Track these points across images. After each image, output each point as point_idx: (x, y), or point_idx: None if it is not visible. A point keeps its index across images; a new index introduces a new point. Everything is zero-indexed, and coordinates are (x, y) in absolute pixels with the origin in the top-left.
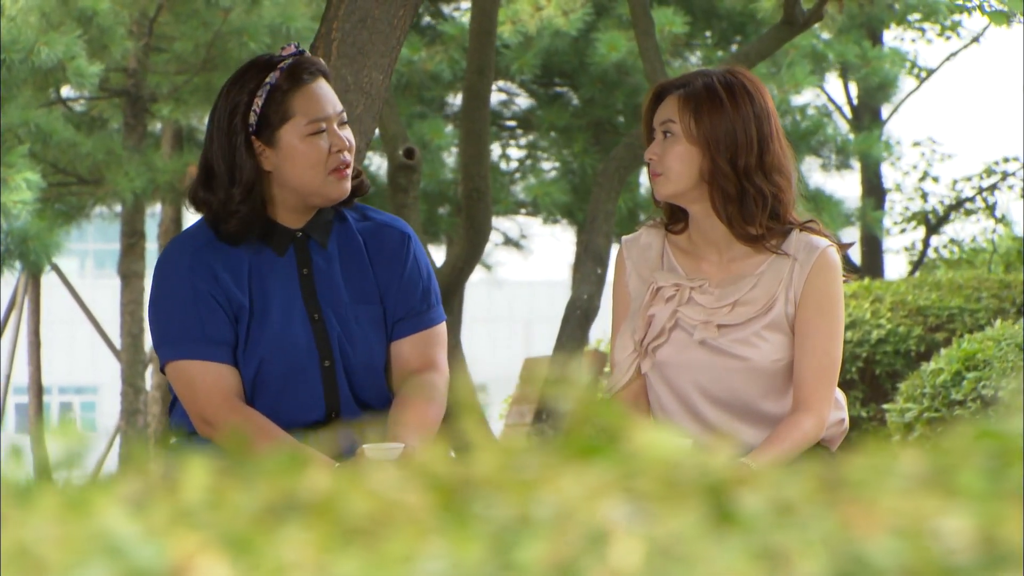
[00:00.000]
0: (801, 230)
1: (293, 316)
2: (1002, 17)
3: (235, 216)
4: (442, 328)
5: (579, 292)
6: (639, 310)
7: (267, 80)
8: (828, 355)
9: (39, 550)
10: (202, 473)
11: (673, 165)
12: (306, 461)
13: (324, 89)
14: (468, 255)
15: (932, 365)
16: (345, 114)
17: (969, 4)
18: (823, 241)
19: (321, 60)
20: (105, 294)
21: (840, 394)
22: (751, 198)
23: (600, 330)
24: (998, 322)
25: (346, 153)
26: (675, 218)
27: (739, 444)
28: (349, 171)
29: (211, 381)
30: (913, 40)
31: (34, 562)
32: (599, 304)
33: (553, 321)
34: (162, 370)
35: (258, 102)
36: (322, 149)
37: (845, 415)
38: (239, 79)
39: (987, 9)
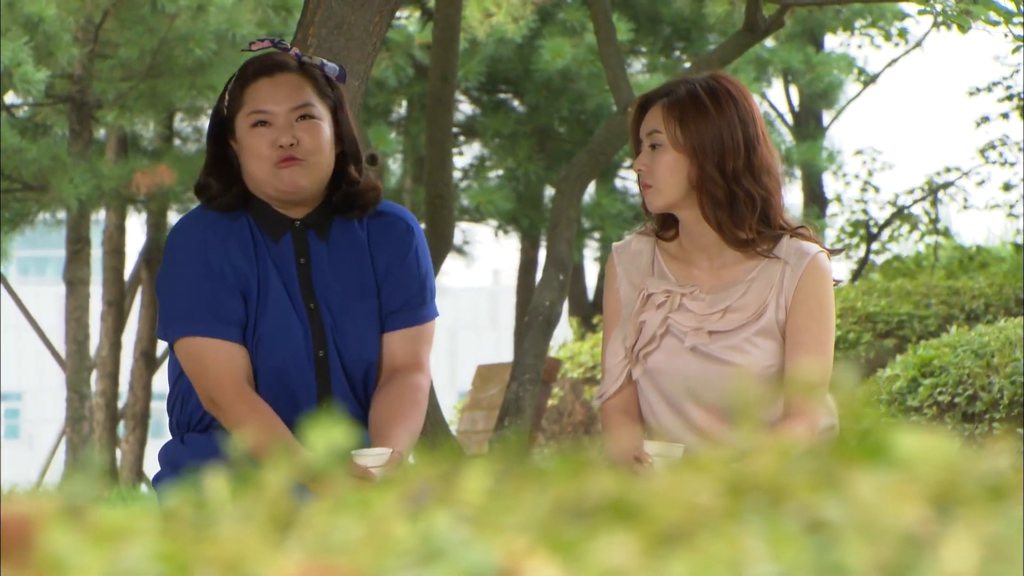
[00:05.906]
0: (792, 236)
1: (289, 305)
2: (963, 23)
3: (215, 191)
4: (432, 326)
5: (541, 298)
6: (630, 317)
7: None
8: (819, 361)
9: (352, 552)
10: (483, 475)
11: (662, 175)
12: (588, 464)
13: (281, 82)
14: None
15: (888, 372)
16: (315, 109)
17: (931, 8)
18: (814, 247)
19: (295, 53)
20: (30, 301)
21: (831, 400)
22: (741, 202)
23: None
24: (953, 328)
25: (294, 149)
26: (666, 225)
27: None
28: (300, 163)
29: (222, 360)
30: (859, 46)
31: (350, 562)
32: (560, 310)
33: (478, 328)
34: (171, 347)
35: (227, 94)
36: (264, 141)
37: (836, 420)
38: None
39: (950, 13)
